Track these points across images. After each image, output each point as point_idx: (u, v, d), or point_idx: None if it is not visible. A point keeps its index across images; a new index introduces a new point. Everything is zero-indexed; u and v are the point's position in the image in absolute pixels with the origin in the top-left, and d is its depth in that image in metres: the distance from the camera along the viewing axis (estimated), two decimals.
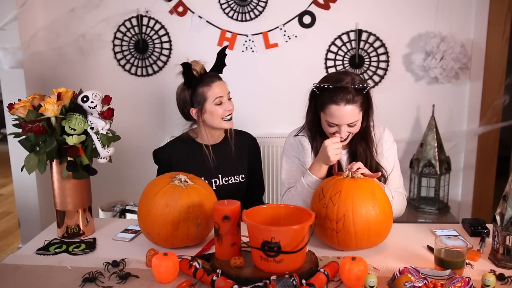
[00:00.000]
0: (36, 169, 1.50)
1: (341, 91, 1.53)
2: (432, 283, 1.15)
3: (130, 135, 2.81)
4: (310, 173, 1.61)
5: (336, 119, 1.56)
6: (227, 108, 1.80)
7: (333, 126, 1.59)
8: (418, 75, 2.71)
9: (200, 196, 1.46)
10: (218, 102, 1.78)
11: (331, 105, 1.55)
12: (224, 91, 1.80)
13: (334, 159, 1.54)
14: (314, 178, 1.60)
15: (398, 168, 1.76)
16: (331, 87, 1.55)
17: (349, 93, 1.53)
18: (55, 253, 1.48)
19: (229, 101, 1.82)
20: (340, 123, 1.57)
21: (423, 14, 2.66)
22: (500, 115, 2.75)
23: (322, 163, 1.58)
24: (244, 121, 1.99)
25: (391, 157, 1.73)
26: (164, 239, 1.45)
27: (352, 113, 1.55)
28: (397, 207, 1.66)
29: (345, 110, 1.54)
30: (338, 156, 1.55)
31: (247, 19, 2.72)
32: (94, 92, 1.55)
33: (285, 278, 1.16)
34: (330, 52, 2.74)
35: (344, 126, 1.57)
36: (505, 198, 1.32)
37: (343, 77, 1.57)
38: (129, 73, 2.84)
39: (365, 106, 1.59)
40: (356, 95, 1.54)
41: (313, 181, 1.60)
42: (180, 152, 1.87)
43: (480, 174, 2.84)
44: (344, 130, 1.58)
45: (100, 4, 2.74)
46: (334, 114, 1.55)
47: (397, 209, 1.66)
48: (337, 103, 1.54)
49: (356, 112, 1.56)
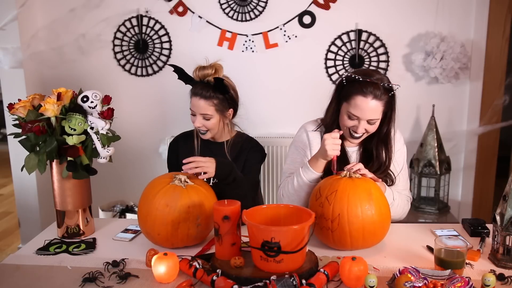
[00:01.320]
0: (36, 169, 1.50)
1: (371, 85, 1.54)
2: (432, 283, 1.15)
3: (130, 135, 2.81)
4: (309, 165, 1.61)
5: (359, 112, 1.56)
6: (196, 123, 1.80)
7: (353, 119, 1.59)
8: (418, 75, 2.71)
9: (200, 196, 1.46)
10: (191, 113, 1.81)
11: (358, 95, 1.54)
12: (197, 110, 1.77)
13: (331, 153, 1.53)
14: (310, 171, 1.59)
15: (406, 171, 1.76)
16: (361, 79, 1.55)
17: (379, 89, 1.54)
18: (55, 253, 1.48)
19: (203, 120, 1.79)
20: (362, 116, 1.56)
21: (423, 14, 2.67)
22: (500, 115, 2.75)
23: (320, 157, 1.57)
24: (244, 121, 1.98)
25: (400, 159, 1.73)
26: (164, 239, 1.45)
27: (376, 110, 1.56)
28: (397, 210, 1.65)
29: (370, 104, 1.54)
30: (335, 152, 1.53)
31: (247, 19, 2.72)
32: (94, 92, 1.55)
33: (285, 278, 1.16)
34: (330, 52, 2.74)
35: (364, 122, 1.57)
36: (505, 198, 1.32)
37: (374, 74, 1.58)
38: (129, 73, 2.84)
39: (388, 108, 1.60)
40: (384, 94, 1.55)
41: (310, 173, 1.60)
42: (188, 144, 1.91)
43: (480, 174, 2.84)
44: (362, 126, 1.58)
45: (100, 4, 2.74)
46: (358, 106, 1.55)
47: (397, 212, 1.65)
48: (365, 95, 1.54)
49: (379, 110, 1.56)
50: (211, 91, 1.76)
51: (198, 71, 1.77)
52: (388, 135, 1.66)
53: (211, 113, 1.78)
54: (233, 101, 1.84)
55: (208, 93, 1.76)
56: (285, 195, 1.68)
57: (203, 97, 1.76)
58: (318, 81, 2.76)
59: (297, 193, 1.62)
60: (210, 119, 1.79)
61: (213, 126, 1.81)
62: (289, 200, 1.66)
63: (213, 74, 1.76)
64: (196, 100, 1.77)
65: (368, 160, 1.68)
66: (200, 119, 1.79)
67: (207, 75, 1.76)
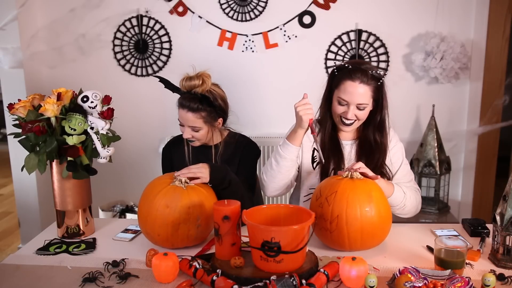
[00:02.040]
0: (36, 169, 1.50)
1: (359, 71, 1.60)
2: (432, 283, 1.15)
3: (130, 135, 2.81)
4: (286, 140, 1.63)
5: (348, 95, 1.60)
6: (184, 134, 1.77)
7: (343, 104, 1.62)
8: (418, 75, 2.71)
9: (200, 197, 1.46)
10: (179, 123, 1.78)
11: (347, 80, 1.60)
12: (185, 122, 1.74)
13: (306, 118, 1.55)
14: (288, 144, 1.61)
15: (407, 164, 1.77)
16: (350, 66, 1.61)
17: (366, 75, 1.59)
18: (55, 253, 1.48)
19: (192, 132, 1.76)
20: (350, 100, 1.60)
21: (423, 14, 2.67)
22: (500, 115, 2.75)
23: (297, 128, 1.60)
24: (244, 121, 1.98)
25: (398, 155, 1.74)
26: (164, 239, 1.45)
27: (364, 94, 1.60)
28: (412, 201, 1.66)
29: (358, 88, 1.59)
30: (310, 115, 1.55)
31: (247, 19, 2.72)
32: (94, 92, 1.55)
33: (285, 278, 1.16)
34: (330, 52, 2.74)
35: (353, 107, 1.61)
36: (505, 198, 1.32)
37: (363, 63, 1.68)
38: (129, 73, 2.84)
39: (377, 95, 1.64)
40: (371, 80, 1.60)
41: (287, 146, 1.62)
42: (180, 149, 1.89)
43: (480, 174, 2.84)
44: (352, 111, 1.61)
45: (100, 4, 2.74)
46: (347, 90, 1.60)
47: (412, 203, 1.66)
48: (353, 79, 1.59)
49: (367, 95, 1.61)
50: (199, 103, 1.71)
51: (185, 82, 1.72)
52: (383, 122, 1.70)
53: (200, 125, 1.74)
54: (222, 111, 1.79)
55: (196, 105, 1.71)
56: (265, 173, 1.69)
57: (190, 109, 1.71)
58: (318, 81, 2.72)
59: (276, 171, 1.64)
60: (199, 130, 1.75)
61: (202, 136, 1.78)
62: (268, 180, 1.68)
63: (200, 85, 1.71)
64: (183, 112, 1.73)
65: (366, 152, 1.69)
66: (189, 130, 1.76)
67: (194, 86, 1.71)
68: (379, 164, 1.67)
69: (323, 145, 1.70)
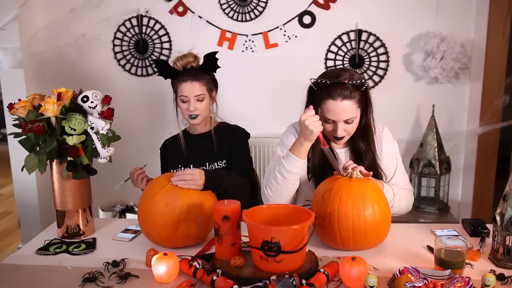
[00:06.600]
0: (36, 169, 1.50)
1: (339, 86, 1.51)
2: (432, 283, 1.15)
3: (130, 135, 2.81)
4: (290, 152, 1.55)
5: (332, 115, 1.53)
6: (190, 108, 1.85)
7: (330, 122, 1.57)
8: (418, 75, 2.71)
9: (200, 196, 1.47)
10: (183, 100, 1.86)
11: (328, 100, 1.52)
12: (191, 93, 1.83)
13: (317, 130, 1.48)
14: (293, 158, 1.54)
15: (401, 165, 1.73)
16: (328, 82, 1.53)
17: (347, 88, 1.50)
18: (55, 253, 1.48)
19: (197, 102, 1.85)
20: (336, 119, 1.54)
21: (423, 14, 2.67)
22: (500, 115, 2.75)
23: (305, 141, 1.52)
24: (243, 121, 1.98)
25: (393, 156, 1.71)
26: (164, 238, 1.45)
27: (349, 109, 1.53)
28: (401, 203, 1.63)
29: (342, 105, 1.51)
30: (319, 128, 1.49)
31: (247, 19, 2.72)
32: (94, 92, 1.55)
33: (285, 278, 1.16)
34: (330, 52, 2.74)
35: (341, 123, 1.55)
36: (505, 198, 1.32)
37: (341, 73, 1.55)
38: (129, 73, 2.84)
39: (363, 103, 1.57)
40: (354, 91, 1.52)
41: (292, 160, 1.54)
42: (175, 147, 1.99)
43: (480, 174, 2.84)
44: (340, 127, 1.56)
45: (100, 4, 2.74)
46: (331, 110, 1.53)
47: (402, 205, 1.64)
48: (334, 98, 1.51)
49: (353, 108, 1.53)
50: (199, 72, 1.85)
51: (181, 60, 1.84)
52: (368, 127, 1.64)
53: (204, 93, 1.86)
54: (215, 81, 1.94)
55: (198, 74, 1.85)
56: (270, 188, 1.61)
57: (195, 79, 1.83)
58: None
59: (283, 185, 1.57)
60: (203, 99, 1.86)
61: (205, 107, 1.88)
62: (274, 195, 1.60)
63: (194, 61, 1.85)
64: (187, 84, 1.83)
65: (359, 158, 1.65)
66: (194, 102, 1.84)
67: (190, 62, 1.85)
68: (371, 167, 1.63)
69: (320, 159, 1.64)
